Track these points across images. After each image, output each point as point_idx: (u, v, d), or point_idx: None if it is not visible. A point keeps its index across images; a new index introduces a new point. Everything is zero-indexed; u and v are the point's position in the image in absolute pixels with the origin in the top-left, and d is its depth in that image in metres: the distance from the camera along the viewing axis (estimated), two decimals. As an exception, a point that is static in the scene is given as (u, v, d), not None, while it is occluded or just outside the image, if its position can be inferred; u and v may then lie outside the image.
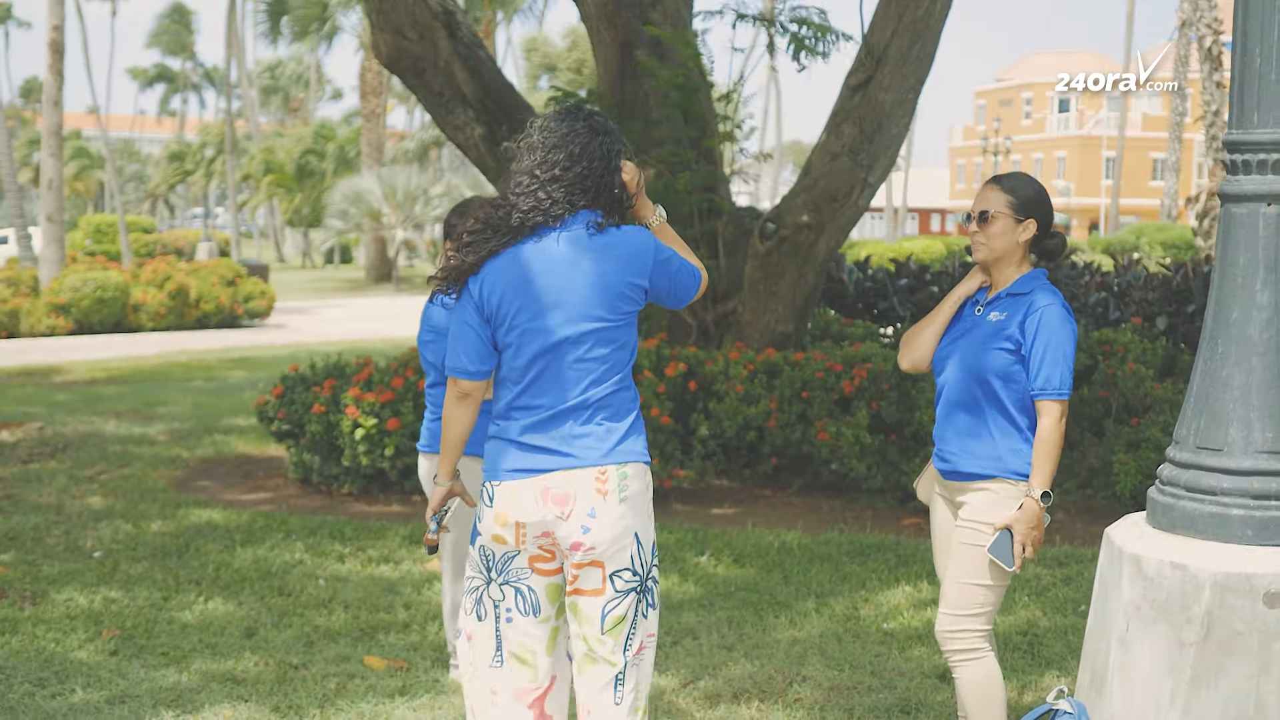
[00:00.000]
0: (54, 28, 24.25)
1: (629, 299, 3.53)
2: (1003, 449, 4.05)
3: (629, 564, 3.56)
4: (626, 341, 3.57)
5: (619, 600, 3.56)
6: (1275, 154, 3.46)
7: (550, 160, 3.55)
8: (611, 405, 3.54)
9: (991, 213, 4.12)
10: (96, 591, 6.38)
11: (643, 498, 3.57)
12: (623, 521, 3.52)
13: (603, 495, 3.50)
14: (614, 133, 3.62)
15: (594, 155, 3.55)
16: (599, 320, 3.50)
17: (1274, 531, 3.42)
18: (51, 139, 24.93)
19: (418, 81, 10.55)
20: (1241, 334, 3.49)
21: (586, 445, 3.52)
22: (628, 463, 3.54)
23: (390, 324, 23.89)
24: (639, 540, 3.57)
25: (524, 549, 3.58)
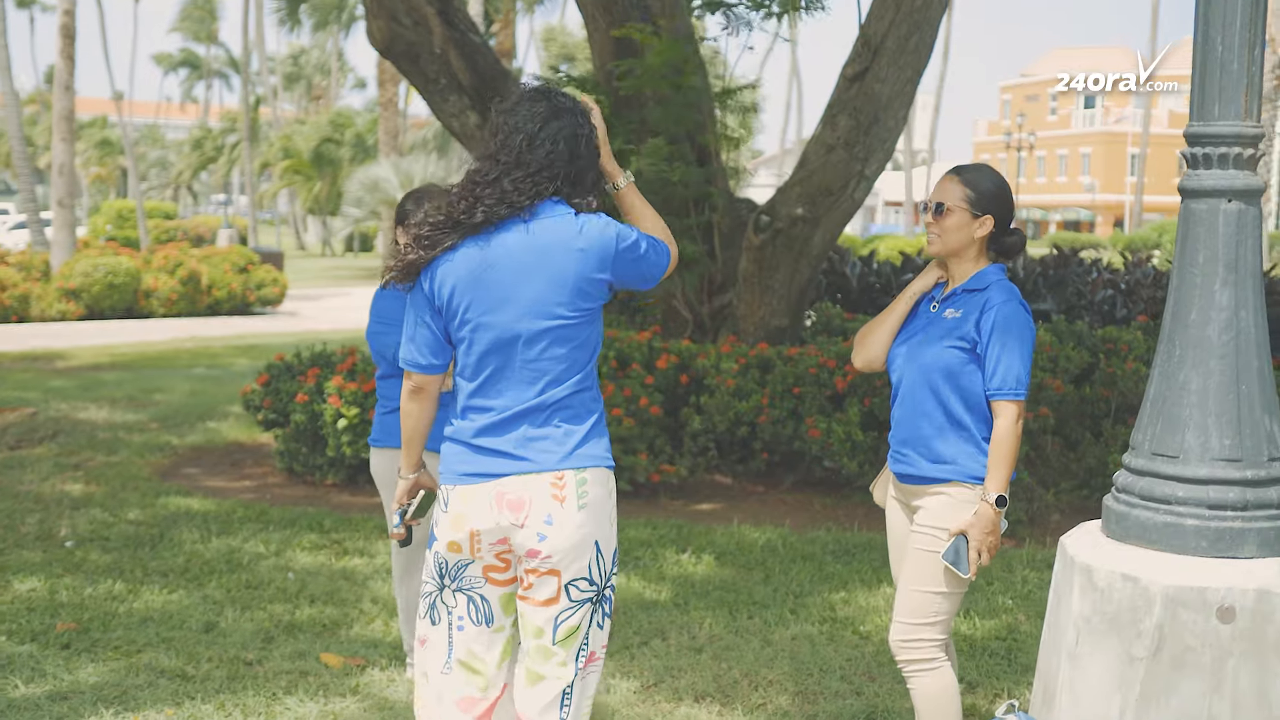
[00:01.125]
0: (65, 12, 24.25)
1: (588, 295, 3.35)
2: (959, 451, 3.90)
3: (586, 573, 3.38)
4: (587, 340, 3.39)
5: (573, 610, 3.40)
6: (1236, 147, 3.31)
7: (510, 144, 3.37)
8: (571, 407, 3.37)
9: (947, 206, 3.98)
10: (61, 581, 6.29)
11: (604, 504, 3.39)
12: (582, 530, 3.34)
13: (559, 501, 3.32)
14: (581, 112, 3.41)
15: (556, 138, 3.35)
16: (556, 318, 3.33)
17: (1229, 543, 3.28)
18: (62, 124, 24.93)
19: (412, 68, 10.44)
20: (1200, 335, 3.35)
21: (543, 449, 3.34)
22: (587, 467, 3.36)
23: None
24: (599, 549, 3.40)
25: (479, 558, 3.42)
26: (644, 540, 7.34)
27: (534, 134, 3.35)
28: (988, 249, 4.03)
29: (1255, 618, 3.18)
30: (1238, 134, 3.30)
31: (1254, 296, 3.34)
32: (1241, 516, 3.28)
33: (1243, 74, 3.29)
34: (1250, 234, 3.33)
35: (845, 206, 9.25)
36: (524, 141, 3.34)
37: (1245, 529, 3.27)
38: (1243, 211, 3.33)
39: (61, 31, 24.35)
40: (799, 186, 9.17)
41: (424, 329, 3.42)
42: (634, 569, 6.78)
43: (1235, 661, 3.19)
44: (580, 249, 3.32)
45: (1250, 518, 3.28)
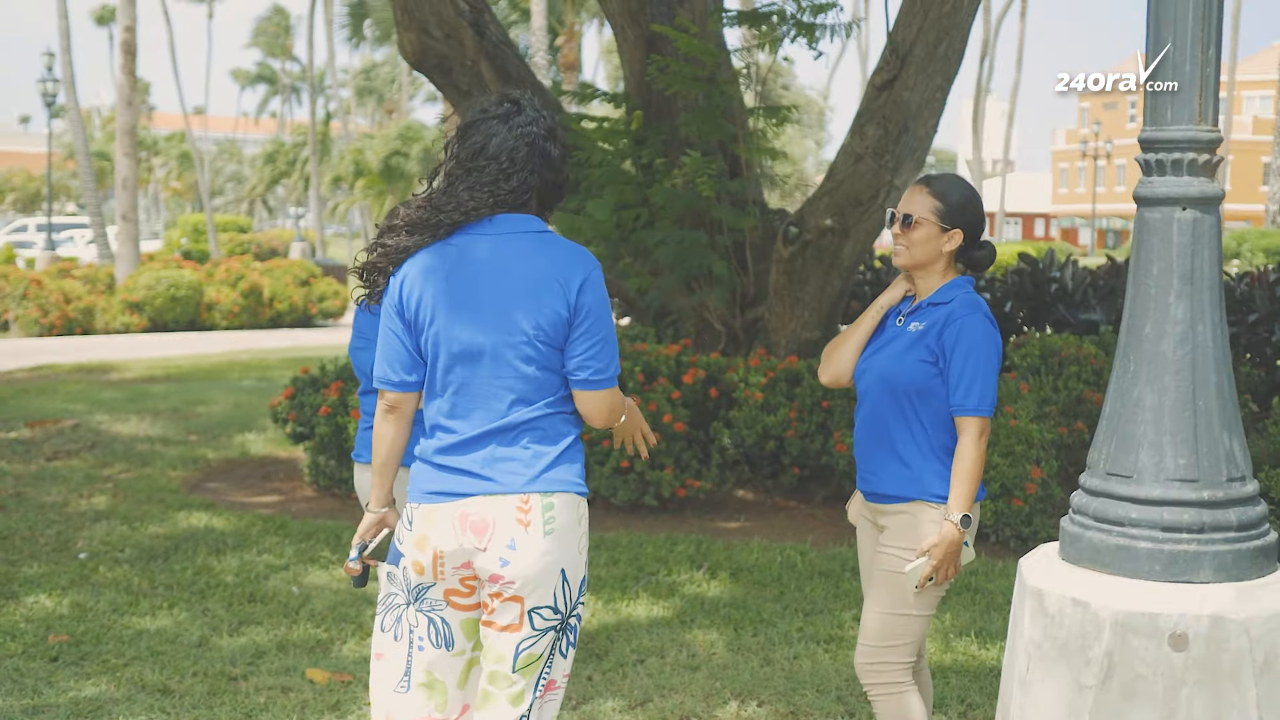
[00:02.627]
0: (125, 28, 24.60)
1: (559, 316, 3.23)
2: (922, 469, 3.79)
3: (551, 601, 3.24)
4: (557, 361, 3.26)
5: (535, 639, 3.27)
6: (1190, 153, 3.17)
7: (463, 153, 3.30)
8: (541, 428, 3.24)
9: (915, 218, 3.87)
10: (65, 595, 6.31)
11: (572, 532, 3.25)
12: (547, 557, 3.20)
13: (524, 526, 3.19)
14: (538, 120, 3.30)
15: (505, 147, 3.25)
16: (524, 335, 3.21)
17: (1183, 567, 3.14)
18: (125, 139, 25.29)
19: (445, 80, 10.43)
20: (1154, 350, 3.21)
21: (509, 470, 3.22)
22: (554, 492, 3.22)
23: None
24: (565, 578, 3.25)
25: (440, 580, 3.31)
26: (660, 556, 7.25)
27: (479, 144, 3.27)
28: (955, 262, 3.92)
29: (1209, 645, 3.04)
30: (1191, 139, 3.17)
31: (1211, 309, 3.20)
32: (1197, 539, 3.14)
33: (1196, 75, 3.16)
34: (1207, 243, 3.19)
35: (876, 217, 9.11)
36: (472, 152, 3.27)
37: (1200, 552, 3.13)
38: (1198, 220, 3.19)
39: (123, 48, 24.72)
40: (827, 197, 9.05)
41: (396, 343, 3.31)
42: (645, 585, 6.70)
43: (1188, 691, 3.05)
44: (544, 267, 3.24)
45: (1206, 540, 3.14)
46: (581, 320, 3.25)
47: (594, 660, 5.57)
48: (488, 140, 3.28)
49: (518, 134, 3.27)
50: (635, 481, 8.39)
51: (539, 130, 3.30)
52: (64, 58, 28.10)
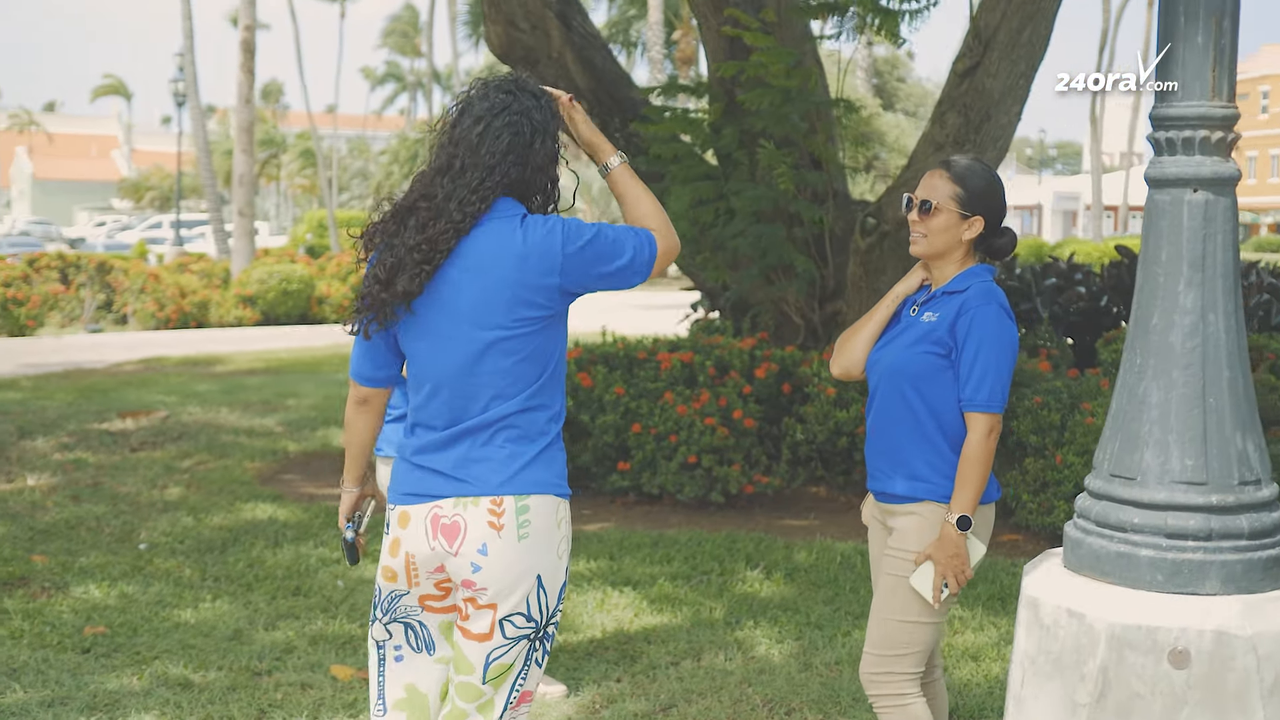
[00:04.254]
0: (245, 28, 24.93)
1: (533, 304, 3.04)
2: (931, 468, 3.57)
3: (524, 609, 3.07)
4: (536, 353, 3.07)
5: (507, 648, 3.10)
6: (1203, 130, 2.93)
7: (443, 143, 3.13)
8: (519, 426, 3.07)
9: (935, 204, 3.65)
10: (115, 586, 6.31)
11: (549, 536, 3.08)
12: (521, 563, 3.04)
13: (496, 530, 3.03)
14: (524, 109, 3.08)
15: (500, 135, 3.05)
16: (496, 328, 3.04)
17: (1188, 577, 2.89)
18: (243, 136, 25.66)
19: (530, 73, 10.30)
20: (1162, 342, 2.97)
21: (483, 471, 3.06)
22: (530, 494, 3.05)
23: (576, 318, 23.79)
24: (542, 584, 3.08)
25: (414, 587, 3.18)
26: (716, 555, 7.07)
27: (456, 136, 3.09)
28: (975, 250, 3.69)
29: (1213, 663, 2.80)
30: (1203, 115, 2.92)
31: (1225, 298, 2.95)
32: (1203, 547, 2.89)
33: (1209, 47, 2.91)
34: (1220, 227, 2.94)
35: (957, 208, 8.82)
36: (467, 152, 3.07)
37: (1207, 561, 2.89)
38: (1210, 202, 2.94)
39: (242, 46, 25.07)
40: (905, 187, 8.77)
41: (373, 338, 3.19)
42: (696, 585, 6.52)
43: (1189, 712, 2.81)
44: (519, 254, 3.03)
45: (1213, 549, 2.89)
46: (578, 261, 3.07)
47: (626, 662, 5.41)
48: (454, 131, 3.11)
49: (502, 124, 3.07)
50: (702, 477, 8.22)
51: (518, 117, 3.09)
52: (188, 58, 28.60)
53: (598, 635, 5.74)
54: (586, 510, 8.31)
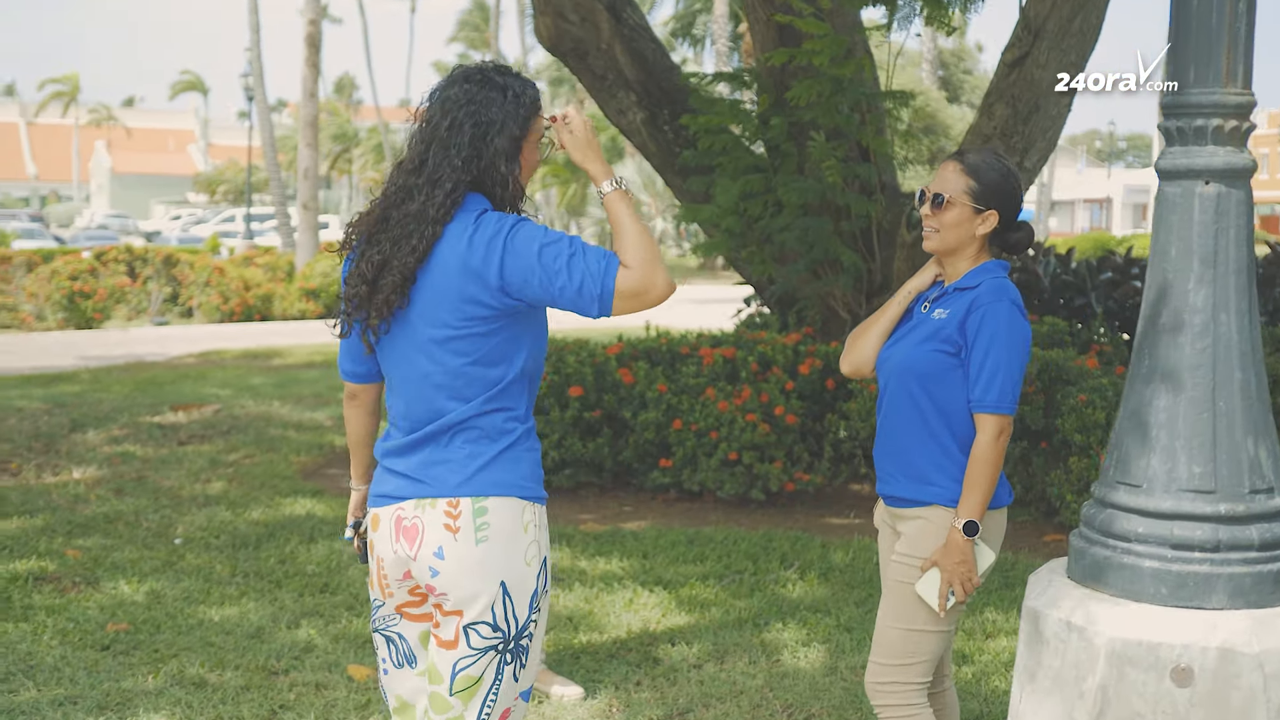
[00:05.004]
0: (310, 21, 25.04)
1: (479, 304, 2.91)
2: (939, 471, 3.43)
3: (489, 618, 2.94)
4: (492, 355, 2.96)
5: (473, 659, 2.97)
6: (1216, 118, 2.78)
7: (416, 139, 3.03)
8: (479, 427, 2.97)
9: (948, 198, 3.52)
10: (145, 582, 6.29)
11: (514, 540, 2.95)
12: (480, 567, 2.92)
13: (453, 533, 2.93)
14: (485, 100, 2.96)
15: (461, 128, 2.95)
16: (444, 327, 2.94)
17: (1193, 590, 2.75)
18: (308, 130, 25.81)
19: (580, 65, 10.27)
20: (1171, 344, 2.83)
21: (442, 472, 2.97)
22: (489, 495, 2.94)
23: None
24: (507, 592, 2.94)
25: (389, 596, 3.11)
26: (751, 554, 6.95)
27: (445, 134, 2.97)
28: (990, 245, 3.55)
29: (1217, 681, 2.65)
30: (1217, 103, 2.77)
31: (1238, 296, 2.80)
32: (1210, 559, 2.75)
33: (1223, 30, 2.76)
34: (1233, 222, 2.79)
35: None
36: (438, 149, 2.97)
37: (1214, 574, 2.74)
38: (1223, 195, 2.79)
39: (307, 41, 25.20)
40: (953, 181, 8.59)
41: (351, 334, 3.14)
42: (728, 584, 6.41)
43: (1193, 732, 2.67)
44: (465, 253, 2.91)
45: (1221, 561, 2.75)
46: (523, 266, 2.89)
47: (647, 664, 5.31)
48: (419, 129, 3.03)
49: (465, 115, 2.96)
50: (743, 474, 8.10)
51: (476, 110, 2.97)
52: (254, 53, 28.80)
53: (622, 636, 5.65)
54: (628, 507, 8.23)
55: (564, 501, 8.34)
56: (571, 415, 8.31)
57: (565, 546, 7.09)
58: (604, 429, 8.46)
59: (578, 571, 6.63)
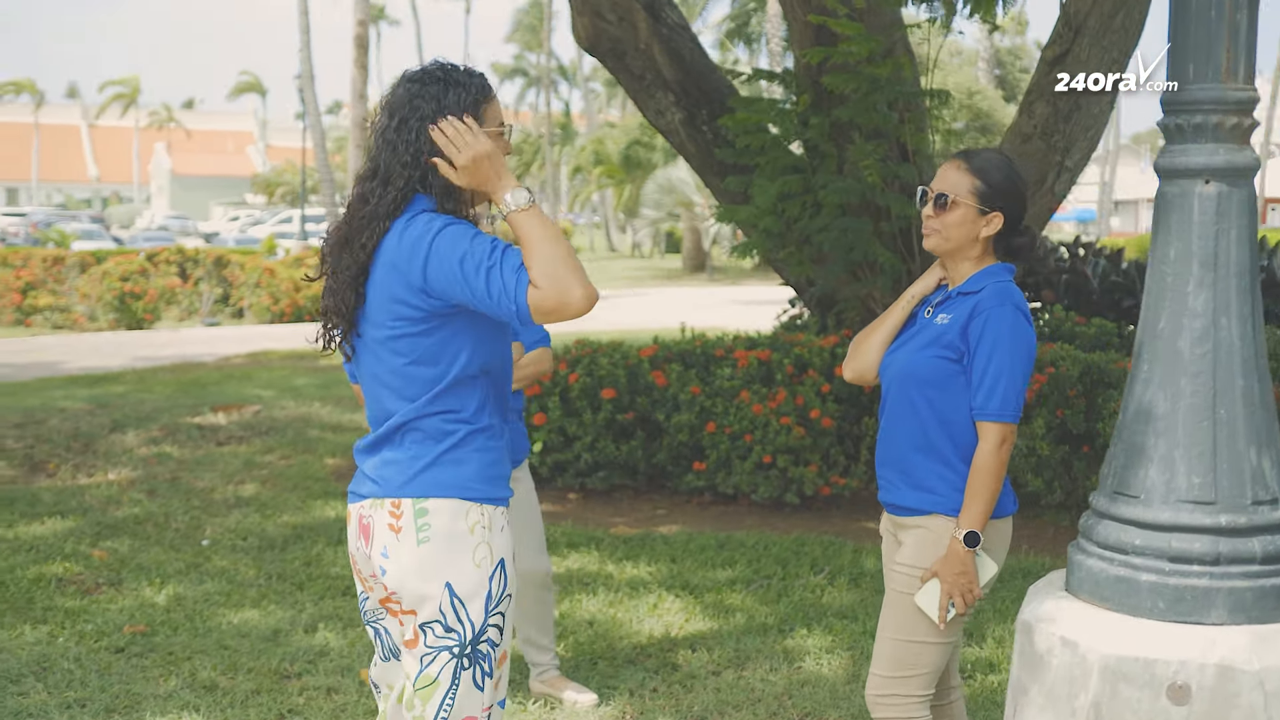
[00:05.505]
0: (359, 22, 25.12)
1: (406, 305, 2.91)
2: (940, 479, 3.35)
3: (440, 618, 2.94)
4: (428, 355, 2.94)
5: (432, 656, 2.96)
6: (1216, 115, 2.68)
7: (372, 143, 3.07)
8: (422, 428, 2.97)
9: (951, 198, 3.43)
10: (167, 584, 6.30)
11: (459, 542, 2.94)
12: (422, 569, 2.93)
13: (395, 533, 2.96)
14: (426, 95, 2.95)
15: (402, 132, 2.95)
16: (383, 327, 2.96)
17: (1191, 605, 2.65)
18: (357, 131, 25.94)
19: (618, 65, 10.21)
20: (1169, 348, 2.73)
21: (390, 472, 2.99)
22: (430, 497, 2.94)
23: (677, 314, 23.66)
24: (454, 594, 2.93)
25: (371, 592, 3.13)
26: (781, 559, 6.87)
27: (394, 135, 2.98)
28: (994, 248, 3.46)
29: (1215, 699, 2.55)
30: (1217, 99, 2.67)
31: (1239, 300, 2.69)
32: (1210, 573, 2.65)
33: (1222, 24, 2.66)
34: (1234, 222, 2.69)
35: (1045, 201, 8.51)
36: (388, 150, 2.98)
37: (1213, 588, 2.64)
38: (1224, 194, 2.69)
39: (355, 42, 25.29)
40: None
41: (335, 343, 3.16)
42: (756, 590, 6.33)
43: (1190, 752, 2.57)
44: (394, 253, 2.92)
45: (1221, 574, 2.65)
46: (444, 270, 2.86)
47: (665, 671, 5.25)
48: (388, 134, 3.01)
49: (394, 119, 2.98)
50: (777, 478, 8.02)
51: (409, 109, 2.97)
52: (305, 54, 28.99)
53: (642, 642, 5.58)
54: (661, 510, 8.17)
55: (597, 504, 8.29)
56: (604, 417, 8.26)
57: (593, 550, 7.04)
58: (637, 431, 8.40)
59: (604, 576, 6.57)
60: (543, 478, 8.57)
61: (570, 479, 8.42)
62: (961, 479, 3.32)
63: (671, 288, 34.51)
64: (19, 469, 9.09)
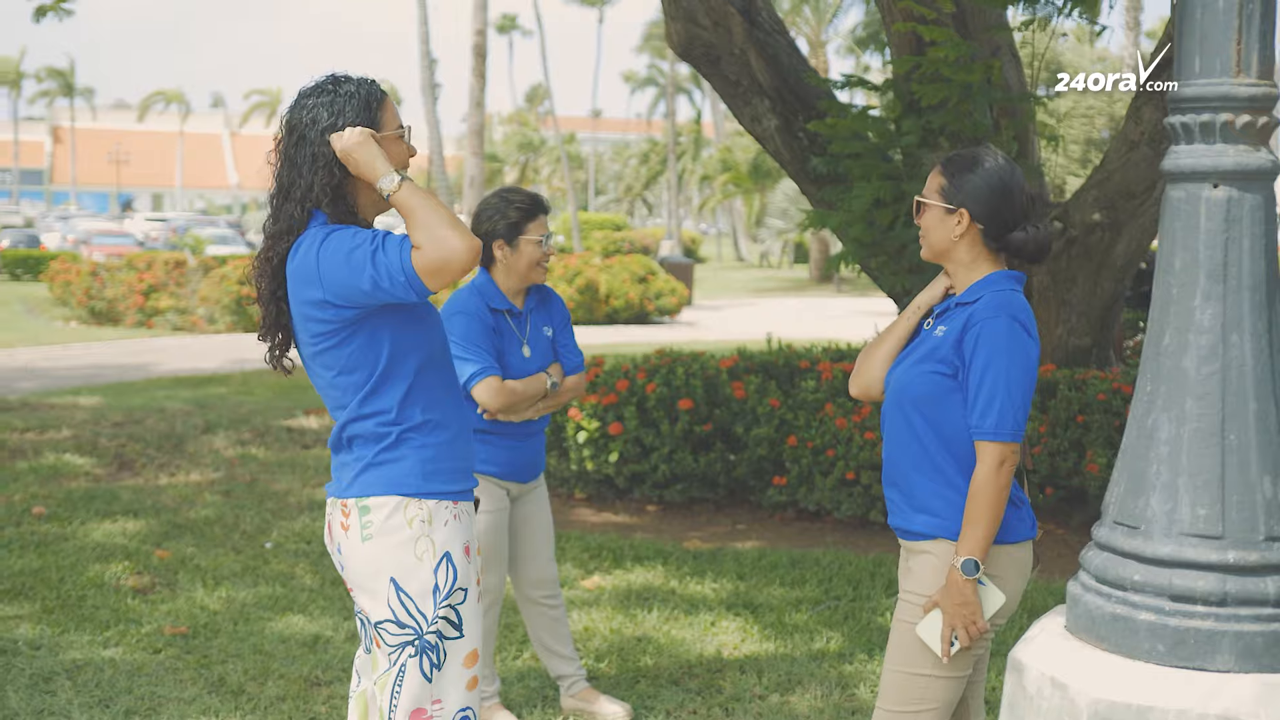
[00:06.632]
0: (477, 32, 25.25)
1: (315, 319, 3.00)
2: (943, 501, 3.14)
3: (390, 614, 3.04)
4: (351, 362, 3.03)
5: (396, 653, 3.05)
6: (1225, 113, 2.45)
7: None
8: (359, 433, 3.08)
9: (923, 201, 3.24)
10: (221, 586, 6.28)
11: (394, 536, 3.02)
12: (370, 565, 3.05)
13: (345, 531, 3.09)
14: (317, 105, 3.02)
15: (301, 147, 3.02)
16: (307, 344, 3.07)
17: (1195, 649, 2.41)
18: (473, 138, 26.08)
19: (712, 70, 10.05)
20: (1174, 367, 2.50)
21: (341, 474, 3.13)
22: (369, 495, 3.04)
23: (794, 325, 23.41)
24: (398, 587, 3.03)
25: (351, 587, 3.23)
26: (854, 579, 6.64)
27: (293, 151, 3.05)
28: (997, 253, 3.23)
29: (1214, 755, 2.32)
30: (1225, 95, 2.44)
31: (1253, 315, 2.45)
32: (1215, 614, 2.41)
33: (1233, 12, 2.42)
34: (1247, 230, 2.45)
35: (1152, 211, 8.15)
36: (289, 167, 3.05)
37: (1219, 631, 2.41)
38: (1234, 200, 2.46)
39: (474, 51, 25.42)
40: (1096, 189, 8.16)
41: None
42: (821, 611, 6.12)
43: (1184, 812, 2.34)
44: (293, 269, 3.00)
45: (1227, 616, 2.41)
46: (337, 271, 2.93)
47: (708, 693, 5.07)
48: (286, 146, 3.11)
49: (293, 134, 3.06)
50: (860, 495, 7.78)
51: (306, 118, 3.03)
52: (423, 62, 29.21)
53: (690, 661, 5.41)
54: (741, 525, 7.99)
55: (676, 517, 8.14)
56: (681, 429, 8.10)
57: (660, 565, 6.88)
58: (716, 443, 8.22)
59: (665, 592, 6.41)
60: (619, 489, 8.44)
61: (648, 490, 8.27)
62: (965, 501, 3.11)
63: (795, 299, 34.20)
64: (108, 467, 9.21)
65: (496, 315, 4.56)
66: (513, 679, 5.18)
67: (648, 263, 26.29)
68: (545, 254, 4.63)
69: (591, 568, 6.85)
